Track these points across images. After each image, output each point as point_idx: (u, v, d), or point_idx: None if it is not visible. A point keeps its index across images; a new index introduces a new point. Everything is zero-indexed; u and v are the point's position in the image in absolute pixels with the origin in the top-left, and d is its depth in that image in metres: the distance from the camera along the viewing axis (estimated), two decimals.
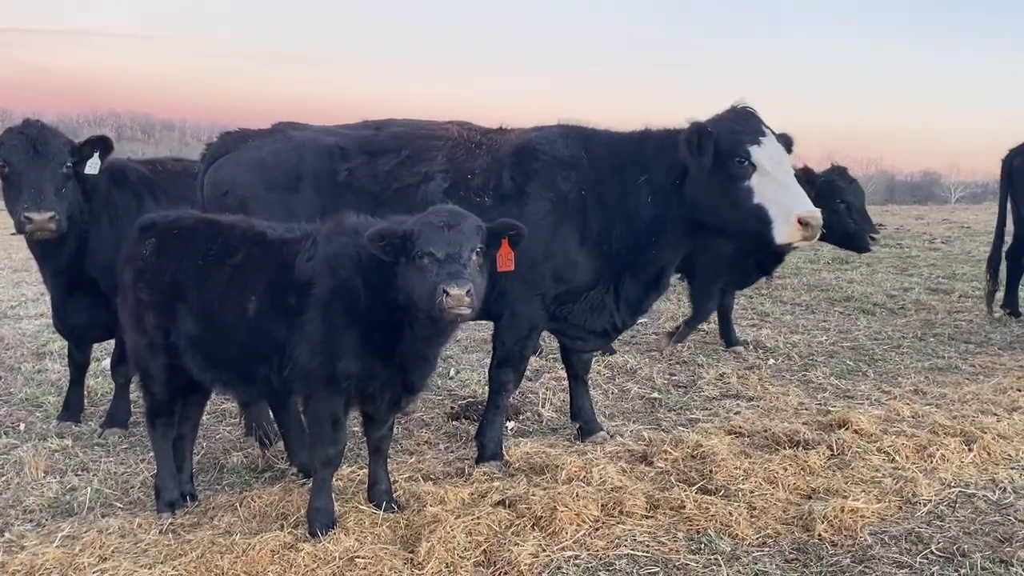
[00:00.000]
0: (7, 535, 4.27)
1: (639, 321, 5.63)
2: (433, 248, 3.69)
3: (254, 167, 5.02)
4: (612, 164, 4.96)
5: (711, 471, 4.78)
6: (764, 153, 4.60)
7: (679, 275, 6.97)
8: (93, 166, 5.49)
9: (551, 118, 5.54)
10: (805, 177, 6.98)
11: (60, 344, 8.30)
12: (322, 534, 4.08)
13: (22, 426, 6.03)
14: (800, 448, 5.16)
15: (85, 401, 6.29)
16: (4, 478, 5.02)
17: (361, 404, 4.28)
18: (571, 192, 4.90)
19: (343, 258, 4.04)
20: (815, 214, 4.51)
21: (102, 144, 5.56)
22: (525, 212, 4.83)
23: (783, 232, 4.51)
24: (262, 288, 4.16)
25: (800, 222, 4.48)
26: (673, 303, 9.87)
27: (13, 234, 5.60)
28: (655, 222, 4.89)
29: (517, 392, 6.73)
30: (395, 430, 5.86)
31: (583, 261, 4.93)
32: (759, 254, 7.25)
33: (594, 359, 6.41)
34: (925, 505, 4.51)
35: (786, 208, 4.51)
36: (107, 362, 6.74)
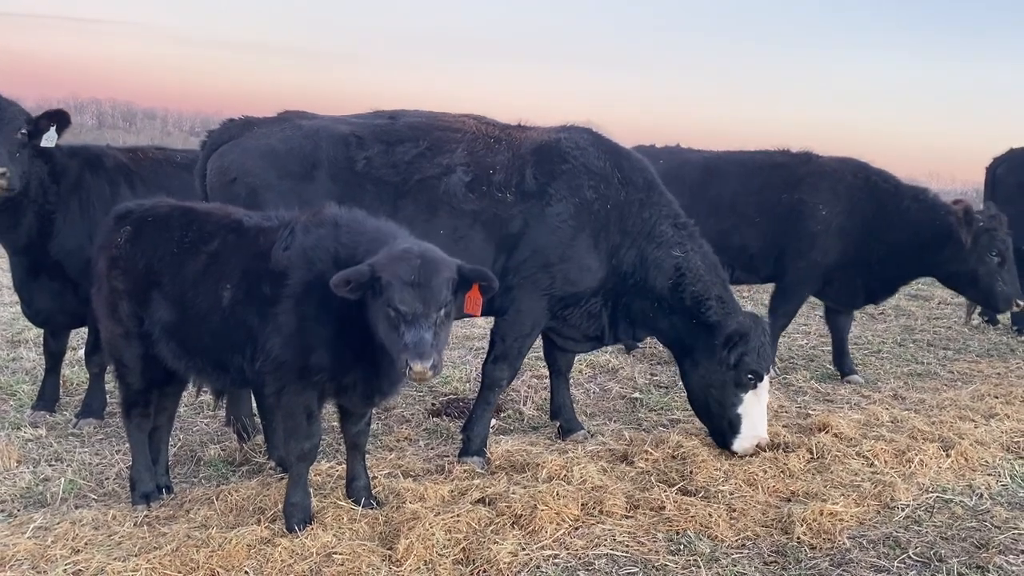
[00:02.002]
0: None
1: None
2: (402, 305, 3.58)
3: (264, 154, 4.87)
4: (644, 197, 5.08)
5: (691, 472, 4.78)
6: None
7: None
8: (50, 139, 5.40)
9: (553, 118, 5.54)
10: (965, 218, 6.69)
11: (35, 332, 8.16)
12: (299, 529, 4.04)
13: None
14: (780, 451, 5.16)
15: (60, 391, 6.20)
16: None
17: (335, 398, 4.22)
18: (596, 202, 4.95)
19: (320, 251, 3.96)
20: None
21: (60, 117, 5.47)
22: (547, 212, 4.87)
23: None
24: (237, 277, 4.08)
25: None
26: None
27: None
28: (655, 290, 5.12)
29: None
30: (374, 426, 5.85)
31: (595, 268, 5.00)
32: None
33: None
34: (903, 510, 4.53)
35: None
36: (82, 351, 6.65)
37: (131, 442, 4.56)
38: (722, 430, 5.11)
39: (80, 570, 3.71)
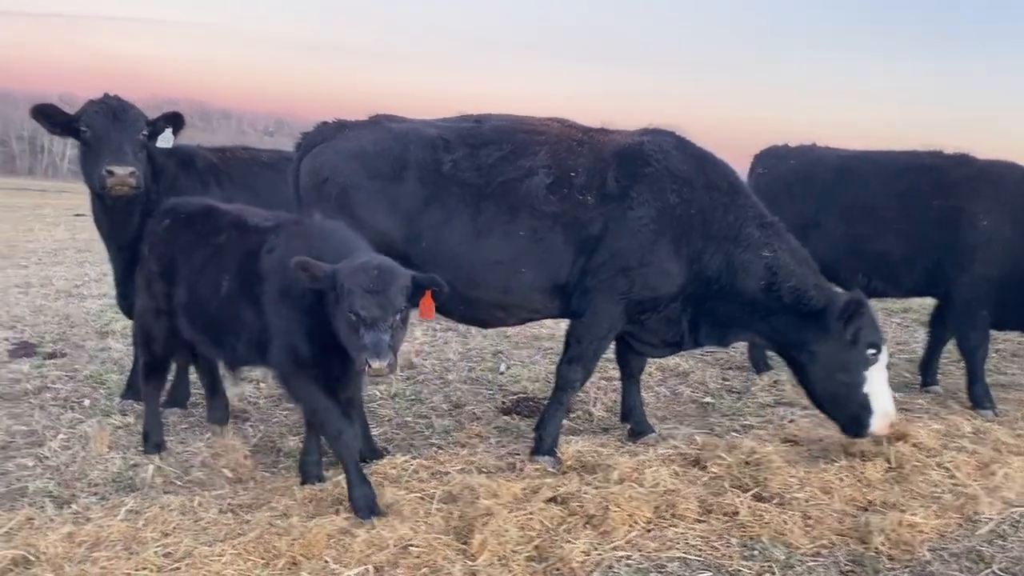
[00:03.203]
0: (74, 506, 4.41)
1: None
2: (361, 311, 3.92)
3: (355, 155, 5.00)
4: (728, 201, 5.05)
5: (766, 478, 4.73)
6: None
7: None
8: (166, 140, 5.61)
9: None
10: None
11: (123, 324, 8.51)
12: (368, 519, 4.19)
13: (87, 402, 6.20)
14: (857, 459, 5.07)
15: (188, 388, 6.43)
16: (71, 451, 5.16)
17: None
18: (679, 207, 4.94)
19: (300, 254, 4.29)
20: None
21: (175, 119, 5.68)
22: (628, 216, 4.88)
23: None
24: (234, 270, 4.58)
25: None
26: None
27: (77, 215, 5.79)
28: (747, 293, 5.09)
29: None
30: (446, 422, 5.96)
31: (675, 273, 4.99)
32: None
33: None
34: (987, 524, 4.41)
35: None
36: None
37: (145, 401, 5.34)
38: (855, 415, 5.05)
39: (170, 552, 3.87)
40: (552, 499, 4.44)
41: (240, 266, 4.56)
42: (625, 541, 4.10)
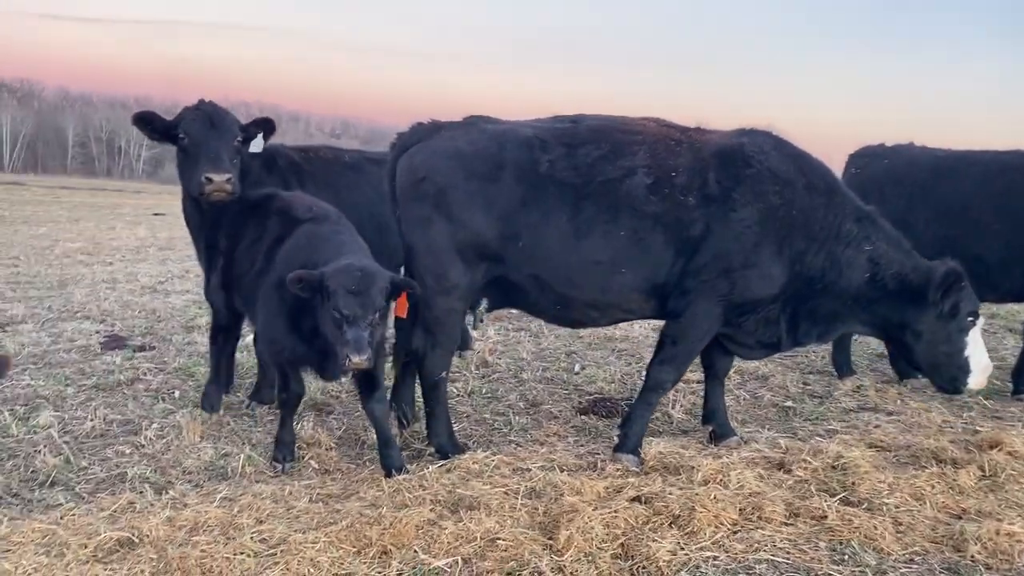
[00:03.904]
0: (171, 492, 4.57)
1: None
2: (344, 309, 4.31)
3: (452, 155, 5.06)
4: (827, 200, 5.05)
5: (853, 483, 4.65)
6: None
7: None
8: (257, 145, 5.81)
9: None
10: None
11: (208, 319, 8.79)
12: (280, 468, 5.00)
13: (176, 393, 6.43)
14: (948, 466, 4.95)
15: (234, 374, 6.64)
16: (165, 440, 5.36)
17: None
18: (782, 208, 4.93)
19: (295, 255, 4.78)
20: None
21: (266, 125, 5.87)
22: (731, 217, 4.87)
23: None
24: (263, 253, 5.08)
25: None
26: None
27: (156, 215, 6.06)
28: (853, 287, 5.09)
29: None
30: (524, 420, 6.00)
31: (777, 275, 4.98)
32: None
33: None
34: None
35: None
36: (251, 338, 7.11)
37: (212, 362, 6.03)
38: (953, 376, 5.30)
39: (265, 538, 3.98)
40: (636, 498, 4.44)
41: (268, 252, 5.05)
42: (711, 542, 4.07)
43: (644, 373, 5.41)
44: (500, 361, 7.62)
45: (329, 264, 4.48)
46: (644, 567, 3.86)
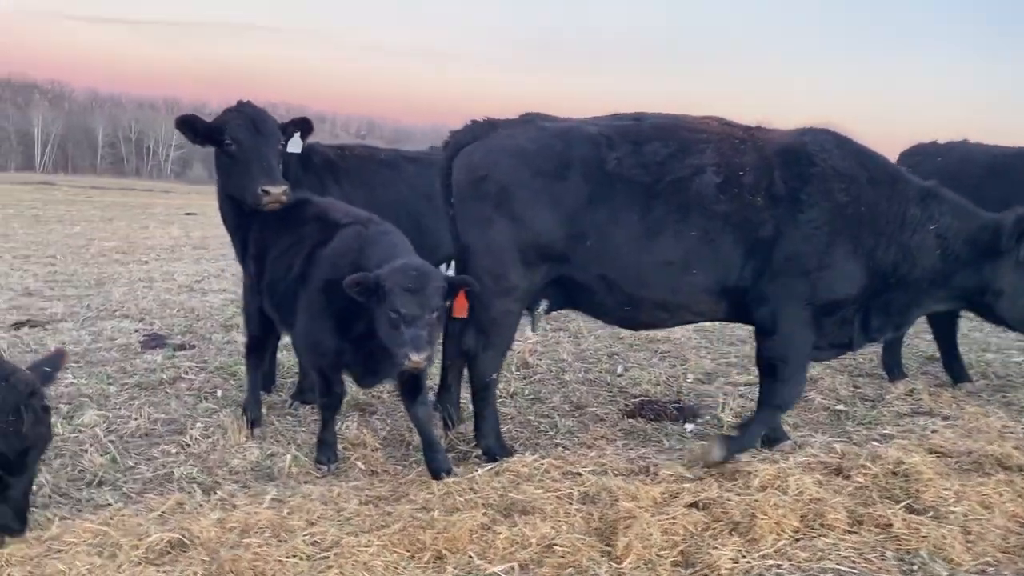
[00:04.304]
0: (219, 493, 4.52)
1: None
2: (402, 309, 4.25)
3: (515, 153, 4.95)
4: (890, 192, 4.94)
5: (917, 490, 4.50)
6: None
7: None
8: (295, 145, 5.77)
9: None
10: None
11: None
12: (324, 468, 4.92)
13: (219, 392, 6.41)
14: (1015, 473, 4.78)
15: (275, 373, 6.62)
16: (210, 440, 5.32)
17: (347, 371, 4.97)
18: (850, 205, 4.82)
19: (342, 258, 4.69)
20: None
21: (304, 124, 5.82)
22: (800, 219, 4.78)
23: None
24: (302, 258, 4.97)
25: None
26: None
27: (188, 214, 6.03)
28: (928, 269, 4.96)
29: (694, 395, 6.63)
30: (570, 422, 5.91)
31: (857, 274, 4.88)
32: None
33: None
34: None
35: None
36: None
37: (249, 377, 5.76)
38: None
39: (317, 541, 3.92)
40: (693, 504, 4.33)
41: (307, 256, 4.96)
42: (774, 550, 3.95)
43: (757, 393, 5.29)
44: (540, 362, 7.53)
45: (383, 265, 4.41)
46: (706, 575, 3.76)
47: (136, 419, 5.69)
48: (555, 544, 3.89)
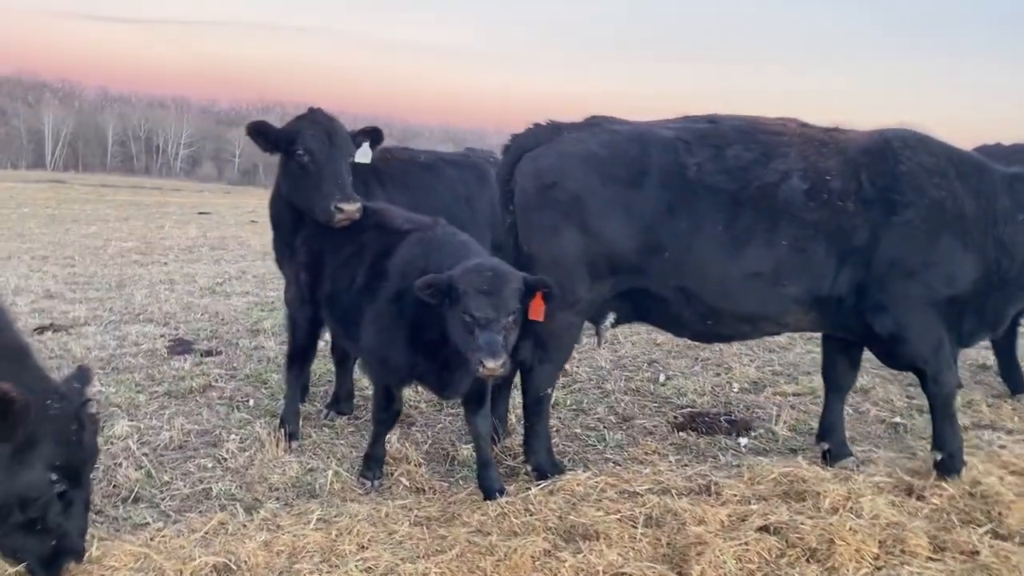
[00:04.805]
0: (262, 513, 4.31)
1: None
2: (476, 312, 4.01)
3: (585, 159, 4.72)
4: (977, 186, 4.73)
5: (1000, 513, 4.27)
6: None
7: None
8: (364, 155, 5.51)
9: None
10: None
11: (272, 322, 8.61)
12: (369, 483, 4.72)
13: (251, 402, 6.20)
14: None
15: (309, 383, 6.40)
16: (247, 453, 5.12)
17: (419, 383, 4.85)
18: (946, 200, 4.61)
19: (409, 266, 4.46)
20: None
21: (375, 134, 5.59)
22: (894, 221, 4.57)
23: None
24: (366, 267, 4.75)
25: None
26: None
27: (202, 214, 5.79)
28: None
29: (742, 406, 6.39)
30: (619, 436, 5.69)
31: (967, 264, 4.65)
32: None
33: None
34: None
35: None
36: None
37: (288, 388, 5.51)
38: None
39: (370, 567, 3.72)
40: (763, 528, 4.09)
41: (371, 266, 4.74)
42: None
43: (925, 395, 5.04)
44: (579, 370, 7.29)
45: (457, 268, 4.17)
46: None
47: (168, 430, 5.49)
48: (624, 572, 3.68)
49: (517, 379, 5.28)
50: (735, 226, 4.54)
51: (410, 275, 4.33)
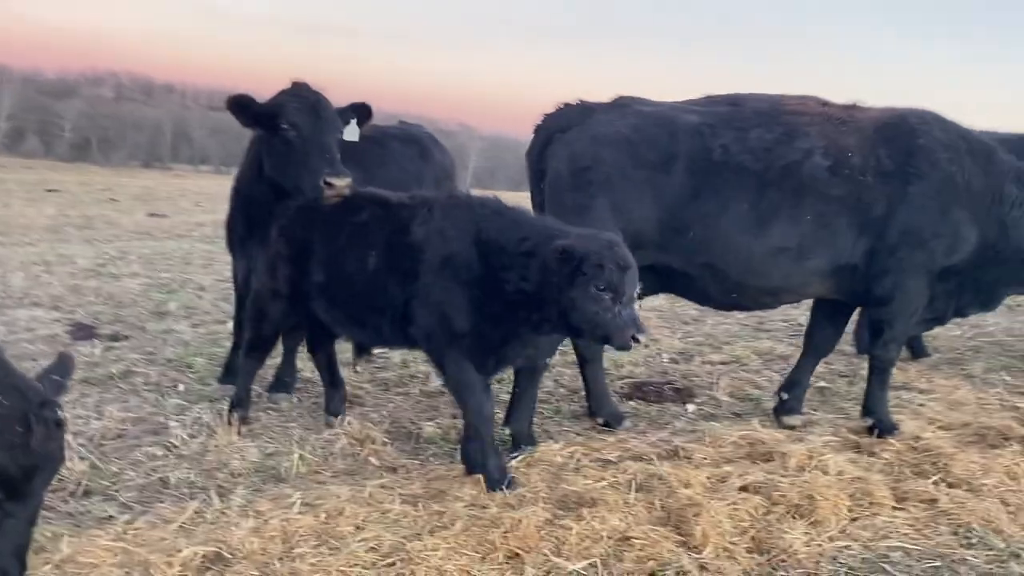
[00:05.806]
0: (237, 499, 4.09)
1: None
2: (617, 287, 3.86)
3: (618, 143, 4.80)
4: (986, 166, 5.01)
5: (945, 464, 4.64)
6: None
7: None
8: (352, 132, 5.24)
9: None
10: None
11: (177, 304, 8.15)
12: (498, 489, 4.18)
13: (181, 387, 5.85)
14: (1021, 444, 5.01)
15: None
16: (199, 440, 4.83)
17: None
18: (957, 174, 4.88)
19: (457, 230, 4.27)
20: None
21: (363, 110, 5.33)
22: (910, 192, 4.80)
23: None
24: (381, 247, 4.47)
25: None
26: None
27: (49, 191, 5.48)
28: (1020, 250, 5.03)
29: (679, 375, 6.60)
30: (573, 407, 5.75)
31: (970, 236, 4.94)
32: None
33: None
34: None
35: None
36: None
37: (242, 376, 5.19)
38: None
39: (374, 547, 3.61)
40: (744, 488, 4.27)
41: (388, 242, 4.46)
42: (839, 531, 3.96)
43: (868, 359, 5.39)
44: None
45: (580, 241, 3.96)
46: (783, 560, 3.71)
47: (99, 419, 5.09)
48: (629, 536, 3.74)
49: None
50: (761, 205, 4.73)
51: (462, 239, 4.23)
